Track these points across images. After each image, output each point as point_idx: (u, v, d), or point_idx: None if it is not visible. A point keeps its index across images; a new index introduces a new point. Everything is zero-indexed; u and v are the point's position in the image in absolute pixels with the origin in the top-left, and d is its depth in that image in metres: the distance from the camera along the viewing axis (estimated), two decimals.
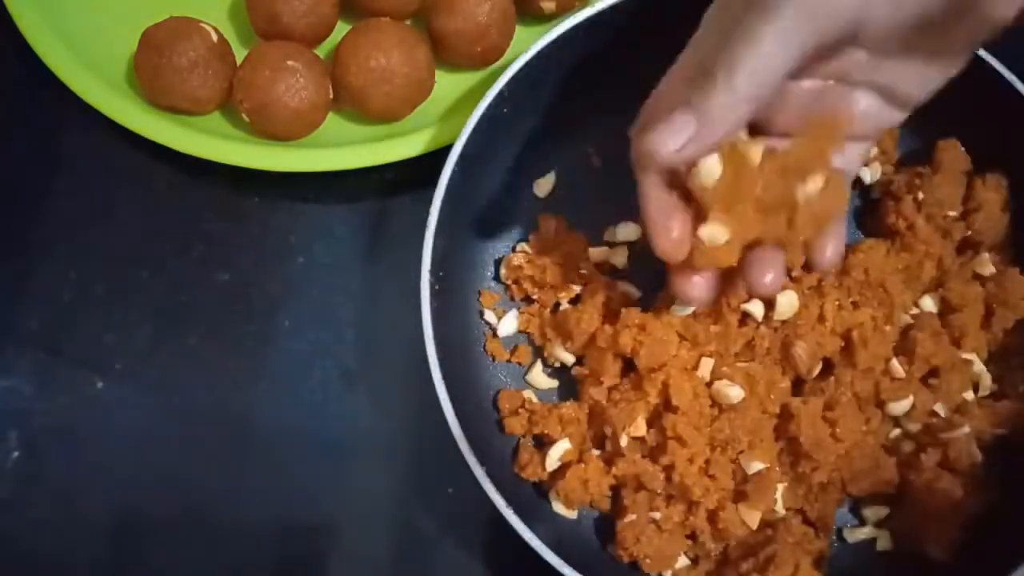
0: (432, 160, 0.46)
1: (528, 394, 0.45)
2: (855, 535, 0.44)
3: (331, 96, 0.50)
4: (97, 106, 0.49)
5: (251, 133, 0.50)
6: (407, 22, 0.52)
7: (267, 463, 0.47)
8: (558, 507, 0.43)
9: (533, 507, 0.43)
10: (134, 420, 0.48)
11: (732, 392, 0.42)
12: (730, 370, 0.43)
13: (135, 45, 0.49)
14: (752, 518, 0.42)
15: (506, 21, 0.50)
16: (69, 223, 0.51)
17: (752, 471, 0.41)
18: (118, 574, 0.46)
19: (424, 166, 0.47)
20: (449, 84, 0.52)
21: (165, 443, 0.47)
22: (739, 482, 0.42)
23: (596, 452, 0.43)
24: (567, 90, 0.46)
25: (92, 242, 0.50)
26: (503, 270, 0.47)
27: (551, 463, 0.42)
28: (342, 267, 0.50)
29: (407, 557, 0.46)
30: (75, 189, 0.51)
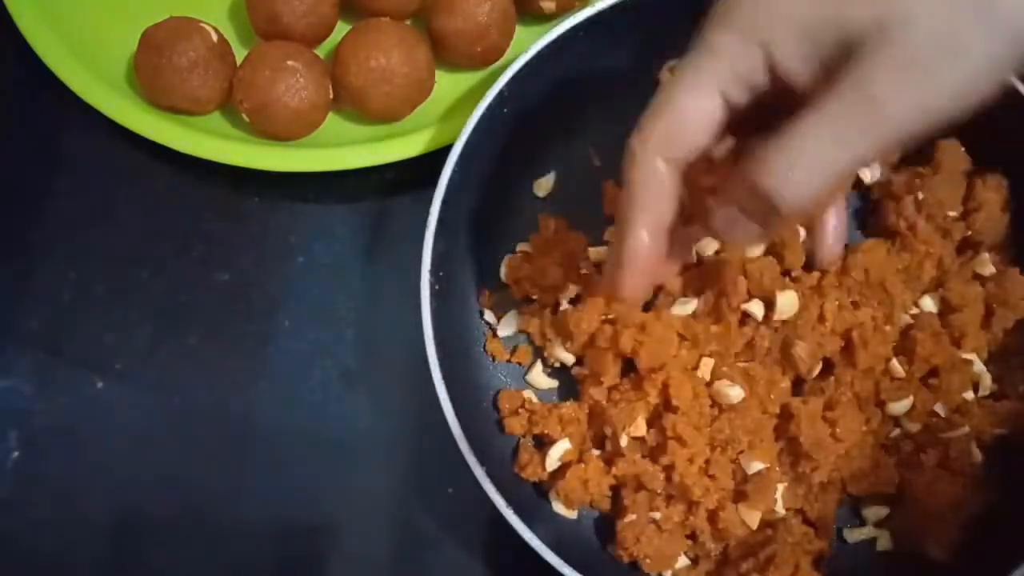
0: (432, 160, 0.46)
1: (528, 394, 0.45)
2: (855, 535, 0.44)
3: (331, 96, 0.50)
4: (97, 106, 0.49)
5: (251, 133, 0.50)
6: (407, 22, 0.52)
7: (267, 463, 0.47)
8: (558, 507, 0.43)
9: (533, 507, 0.43)
10: (134, 420, 0.48)
11: (732, 392, 0.42)
12: (730, 370, 0.43)
13: (135, 45, 0.49)
14: (752, 518, 0.42)
15: (506, 21, 0.50)
16: (69, 223, 0.51)
17: (752, 471, 0.41)
18: (118, 574, 0.46)
19: (424, 166, 0.47)
20: (449, 84, 0.52)
21: (165, 443, 0.47)
22: (739, 482, 0.42)
23: (596, 452, 0.43)
24: (567, 90, 0.46)
25: (92, 242, 0.50)
26: (503, 270, 0.47)
27: (551, 463, 0.42)
28: (342, 267, 0.50)
29: (407, 557, 0.46)
30: (75, 189, 0.51)
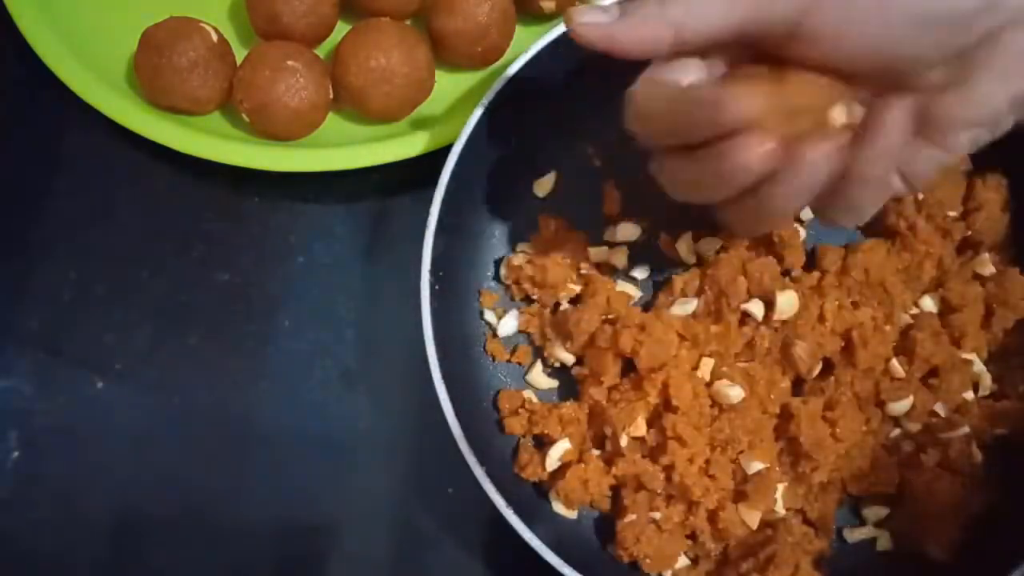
0: (432, 160, 0.46)
1: (528, 394, 0.45)
2: (855, 535, 0.44)
3: (331, 96, 0.50)
4: (97, 106, 0.49)
5: (251, 133, 0.50)
6: (407, 22, 0.52)
7: (267, 463, 0.47)
8: (558, 507, 0.43)
9: (533, 507, 0.43)
10: (134, 420, 0.48)
11: (732, 392, 0.42)
12: (730, 370, 0.43)
13: (135, 45, 0.49)
14: (752, 518, 0.42)
15: (506, 21, 0.50)
16: (69, 223, 0.51)
17: (752, 471, 0.42)
18: (118, 574, 0.46)
19: (424, 166, 0.47)
20: (449, 84, 0.52)
21: (165, 443, 0.47)
22: (739, 482, 0.42)
23: (596, 452, 0.43)
24: (567, 90, 0.46)
25: (92, 242, 0.50)
26: (503, 270, 0.47)
27: (551, 463, 0.42)
28: (342, 267, 0.50)
29: (407, 557, 0.46)
30: (75, 189, 0.51)
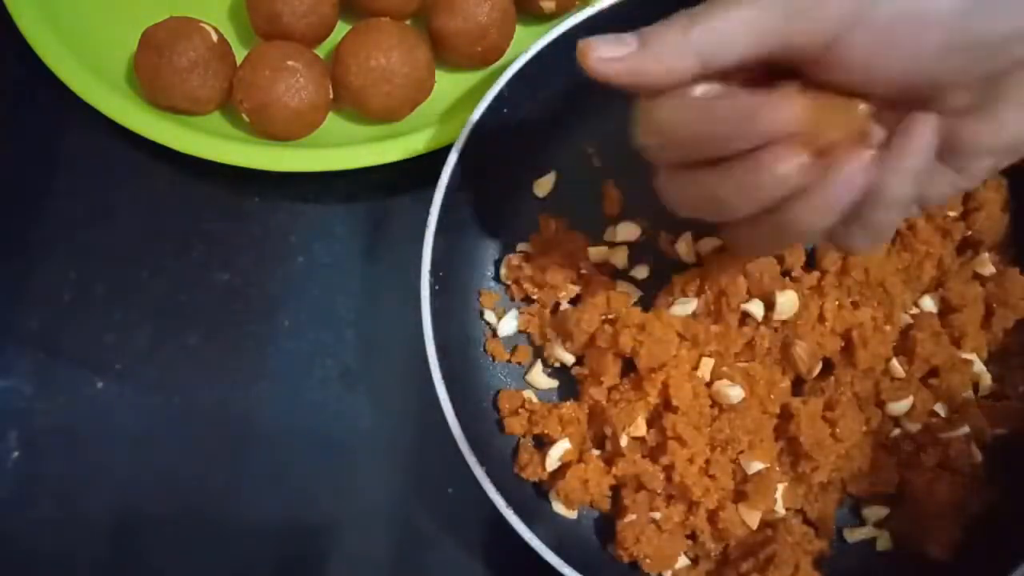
0: (432, 160, 0.46)
1: (528, 394, 0.45)
2: (855, 535, 0.44)
3: (331, 96, 0.50)
4: (97, 106, 0.49)
5: (251, 133, 0.50)
6: (407, 22, 0.52)
7: (267, 463, 0.47)
8: (558, 507, 0.43)
9: (533, 507, 0.43)
10: (134, 420, 0.48)
11: (732, 392, 0.42)
12: (730, 370, 0.43)
13: (135, 45, 0.49)
14: (752, 518, 0.42)
15: (506, 21, 0.50)
16: (69, 223, 0.51)
17: (752, 471, 0.41)
18: (118, 574, 0.46)
19: (424, 166, 0.47)
20: (449, 84, 0.52)
21: (165, 443, 0.47)
22: (739, 482, 0.42)
23: (596, 452, 0.43)
24: (567, 90, 0.46)
25: (92, 242, 0.50)
26: (503, 270, 0.47)
27: (551, 463, 0.42)
28: (342, 267, 0.50)
29: (407, 557, 0.46)
30: (75, 189, 0.51)
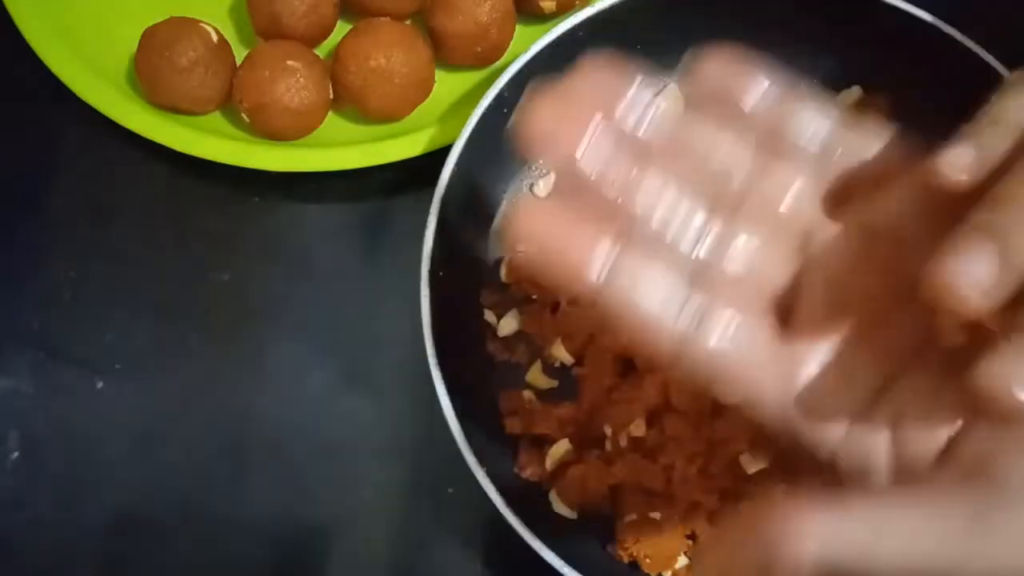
0: (432, 160, 0.46)
1: (528, 394, 0.45)
2: None
3: (331, 96, 0.50)
4: (97, 106, 0.49)
5: (251, 133, 0.50)
6: (407, 22, 0.52)
7: (267, 463, 0.47)
8: (558, 507, 0.43)
9: (533, 507, 0.43)
10: (134, 420, 0.47)
11: None
12: None
13: (135, 45, 0.49)
14: None
15: (506, 21, 0.50)
16: (69, 223, 0.51)
17: (752, 471, 0.41)
18: (118, 574, 0.46)
19: (424, 166, 0.47)
20: (449, 84, 0.52)
21: (165, 443, 0.47)
22: (739, 482, 0.42)
23: (596, 452, 0.43)
24: None
25: (92, 242, 0.50)
26: (503, 270, 0.47)
27: (551, 463, 0.42)
28: (342, 267, 0.50)
29: (407, 557, 0.46)
30: (75, 189, 0.51)
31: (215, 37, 0.49)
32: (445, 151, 0.44)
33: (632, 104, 0.24)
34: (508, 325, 0.46)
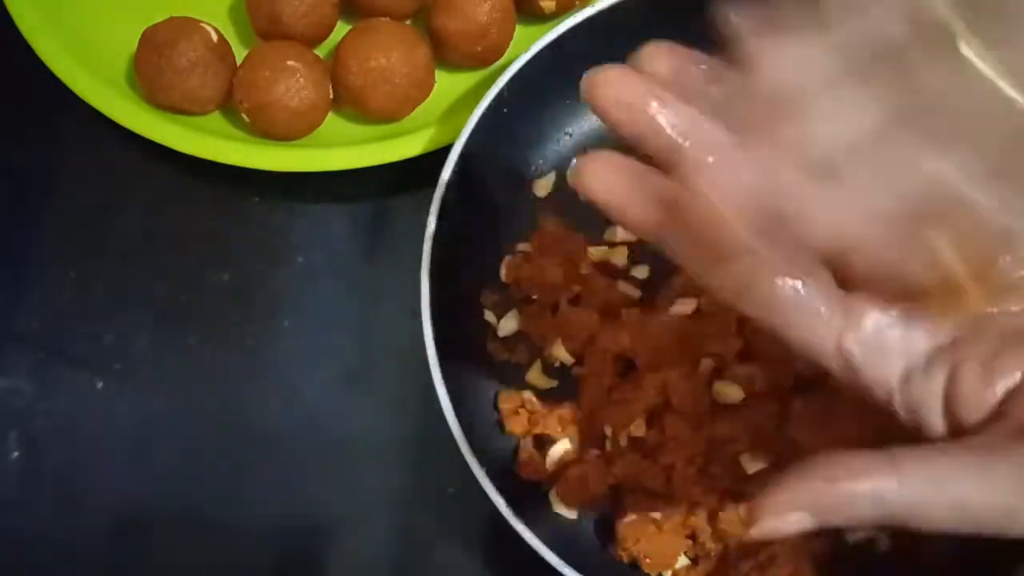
0: (432, 160, 0.46)
1: (528, 394, 0.45)
2: (855, 535, 0.44)
3: (331, 96, 0.50)
4: (97, 106, 0.49)
5: (251, 133, 0.50)
6: (407, 22, 0.52)
7: (267, 463, 0.47)
8: (558, 507, 0.43)
9: (533, 507, 0.43)
10: (134, 420, 0.48)
11: (732, 392, 0.42)
12: (730, 370, 0.43)
13: (135, 45, 0.49)
14: None
15: (506, 21, 0.50)
16: (69, 223, 0.51)
17: (752, 471, 0.41)
18: (118, 574, 0.46)
19: (424, 166, 0.47)
20: (449, 84, 0.52)
21: (165, 443, 0.47)
22: (739, 482, 0.42)
23: (596, 452, 0.43)
24: (567, 90, 0.46)
25: (92, 242, 0.50)
26: (503, 270, 0.47)
27: (551, 463, 0.42)
28: (342, 267, 0.50)
29: (407, 557, 0.46)
30: (75, 189, 0.51)
31: (215, 37, 0.49)
32: (445, 151, 0.44)
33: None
34: (508, 325, 0.46)
